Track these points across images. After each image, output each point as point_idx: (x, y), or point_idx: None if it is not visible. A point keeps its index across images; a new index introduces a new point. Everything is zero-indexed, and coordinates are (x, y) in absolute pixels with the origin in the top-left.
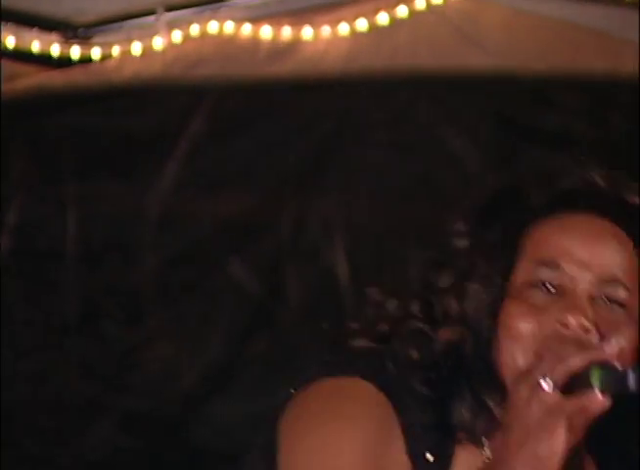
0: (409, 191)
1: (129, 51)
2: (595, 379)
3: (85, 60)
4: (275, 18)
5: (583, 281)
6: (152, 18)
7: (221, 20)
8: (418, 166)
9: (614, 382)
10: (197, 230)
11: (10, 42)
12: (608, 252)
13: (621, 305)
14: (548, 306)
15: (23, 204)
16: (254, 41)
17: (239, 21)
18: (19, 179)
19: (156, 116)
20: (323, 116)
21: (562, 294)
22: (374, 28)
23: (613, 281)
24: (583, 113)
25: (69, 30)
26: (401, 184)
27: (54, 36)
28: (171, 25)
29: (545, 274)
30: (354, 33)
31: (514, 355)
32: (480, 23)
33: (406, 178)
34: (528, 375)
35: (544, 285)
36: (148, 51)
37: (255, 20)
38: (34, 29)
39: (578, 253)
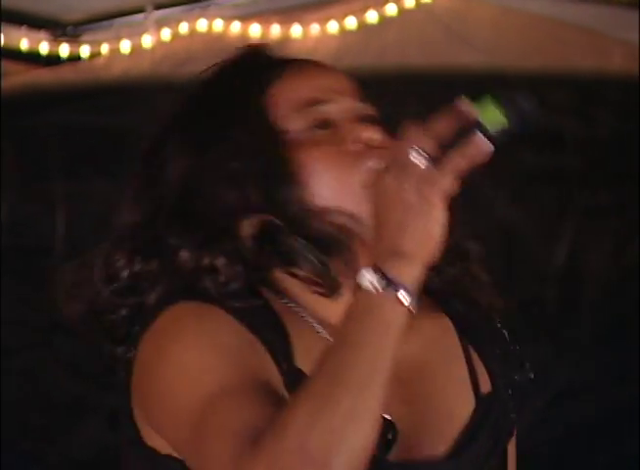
0: None
1: (118, 49)
2: (485, 117)
3: (74, 58)
4: (264, 16)
5: (349, 107)
6: (141, 16)
7: (210, 18)
8: None
9: (507, 113)
10: None
11: None
12: (342, 75)
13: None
14: (339, 137)
15: (11, 202)
16: (243, 39)
17: (228, 19)
18: (6, 177)
19: (144, 113)
20: None
21: (337, 125)
22: (363, 26)
23: (362, 101)
24: (572, 110)
25: (58, 28)
26: None
27: (42, 34)
28: (160, 23)
29: (316, 114)
30: (343, 31)
31: (340, 194)
32: (468, 20)
33: None
34: (394, 164)
35: (322, 123)
36: (137, 49)
37: (244, 18)
38: (23, 27)
39: (329, 84)
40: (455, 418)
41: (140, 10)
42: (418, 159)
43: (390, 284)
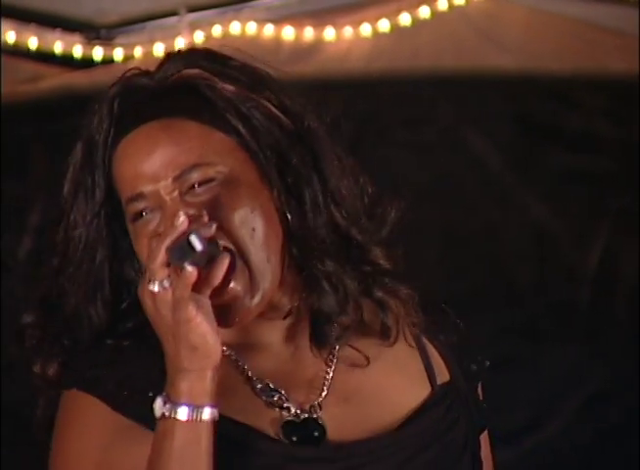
0: (430, 191)
1: (151, 52)
2: (173, 255)
3: (108, 61)
4: (297, 18)
5: (163, 191)
6: (174, 19)
7: (243, 20)
8: (439, 167)
9: (183, 251)
10: None
11: (32, 43)
12: (163, 151)
13: (210, 179)
14: (153, 226)
15: (45, 205)
16: (277, 42)
17: (261, 21)
18: (40, 180)
19: None
20: (345, 116)
21: (157, 208)
22: (396, 29)
23: (184, 172)
24: (604, 112)
25: (92, 31)
26: (422, 184)
27: (76, 37)
28: (194, 26)
29: (132, 209)
30: (376, 34)
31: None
32: (501, 23)
33: (427, 178)
34: (142, 290)
35: (140, 215)
36: (170, 52)
37: (278, 20)
38: (57, 31)
39: (139, 170)
40: (402, 408)
41: (173, 13)
42: (161, 286)
43: (175, 406)
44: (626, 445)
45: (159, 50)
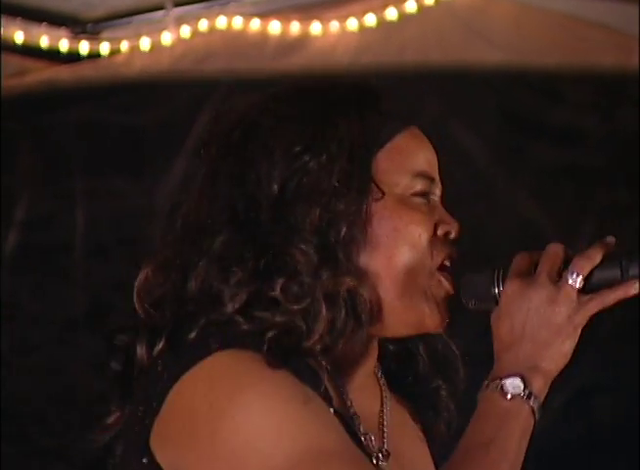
0: None
1: (138, 46)
2: (630, 269)
3: (94, 55)
4: (284, 13)
5: (437, 187)
6: (160, 13)
7: (230, 15)
8: None
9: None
10: None
11: (18, 37)
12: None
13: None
14: (431, 213)
15: (31, 199)
16: (263, 36)
17: (247, 16)
18: (26, 175)
19: (164, 110)
20: None
21: (432, 203)
22: (382, 23)
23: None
24: (592, 107)
25: (78, 25)
26: None
27: (62, 31)
28: (180, 21)
29: (421, 185)
30: (363, 28)
31: (410, 260)
32: (487, 17)
33: None
34: (541, 276)
35: (423, 195)
36: (156, 46)
37: (264, 15)
38: (43, 25)
39: (432, 157)
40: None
41: (159, 7)
42: (574, 282)
43: (531, 395)
44: (614, 442)
45: (145, 44)
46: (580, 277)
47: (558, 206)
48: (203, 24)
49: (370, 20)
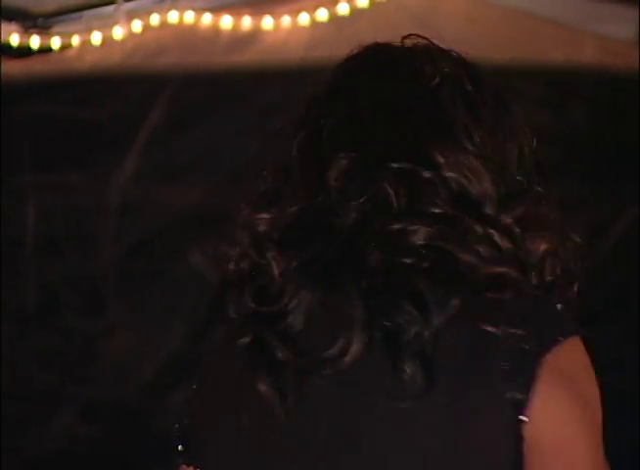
0: None
1: (89, 41)
2: None
3: (45, 49)
4: (235, 7)
5: None
6: (112, 7)
7: (181, 9)
8: None
9: None
10: (157, 220)
11: None
12: None
13: None
14: None
15: None
16: (215, 31)
17: (199, 10)
18: None
19: (115, 105)
20: (282, 105)
21: None
22: (334, 18)
23: None
24: (543, 103)
25: (29, 20)
26: None
27: (13, 26)
28: (131, 15)
29: None
30: (314, 23)
31: None
32: (439, 12)
33: None
34: None
35: None
36: (108, 40)
37: (216, 9)
38: None
39: None
40: None
41: (111, 1)
42: None
43: None
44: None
45: (96, 39)
46: None
47: None
48: (154, 19)
49: (322, 14)
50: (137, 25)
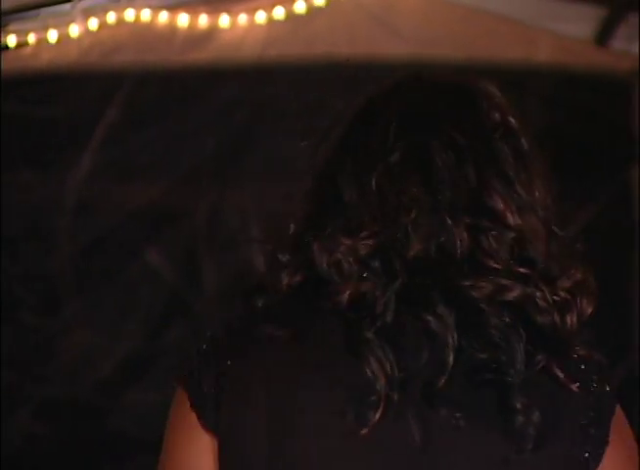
0: None
1: (45, 38)
2: None
3: (0, 47)
4: (192, 5)
5: None
6: (68, 5)
7: (138, 7)
8: None
9: None
10: (113, 218)
11: None
12: None
13: None
14: None
15: None
16: (171, 29)
17: (155, 8)
18: None
19: (72, 103)
20: (240, 103)
21: None
22: (291, 16)
23: None
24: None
25: None
26: None
27: None
28: (87, 13)
29: None
30: (271, 21)
31: None
32: (396, 11)
33: None
34: None
35: None
36: (64, 38)
37: (172, 7)
38: None
39: None
40: None
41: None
42: None
43: None
44: None
45: (52, 37)
46: None
47: None
48: (110, 17)
49: (278, 12)
50: (93, 23)
